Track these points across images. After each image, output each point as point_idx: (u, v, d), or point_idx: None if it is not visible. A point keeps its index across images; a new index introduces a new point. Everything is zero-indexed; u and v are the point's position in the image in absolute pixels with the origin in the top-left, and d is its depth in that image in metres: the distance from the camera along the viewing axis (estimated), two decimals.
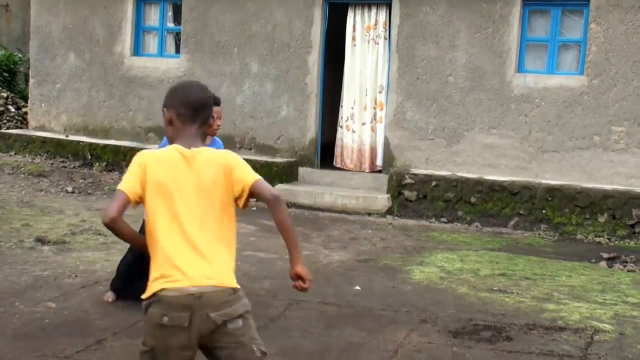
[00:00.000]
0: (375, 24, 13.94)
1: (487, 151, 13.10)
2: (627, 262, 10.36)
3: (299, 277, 4.10)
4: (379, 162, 13.95)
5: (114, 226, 3.87)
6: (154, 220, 3.91)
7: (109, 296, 7.47)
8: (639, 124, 12.24)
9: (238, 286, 3.97)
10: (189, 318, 3.79)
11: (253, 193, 3.96)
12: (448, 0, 13.24)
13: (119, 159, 15.06)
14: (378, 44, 13.96)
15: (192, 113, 4.04)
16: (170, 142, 4.06)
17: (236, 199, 4.00)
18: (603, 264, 10.29)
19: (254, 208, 13.08)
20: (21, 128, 17.50)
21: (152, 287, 3.92)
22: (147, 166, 3.93)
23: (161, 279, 3.87)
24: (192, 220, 3.90)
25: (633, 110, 12.27)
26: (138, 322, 6.73)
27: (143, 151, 4.08)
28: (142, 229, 4.42)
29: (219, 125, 7.03)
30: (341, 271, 9.20)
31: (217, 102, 6.87)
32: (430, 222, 12.72)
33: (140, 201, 3.94)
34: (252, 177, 3.96)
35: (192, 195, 3.92)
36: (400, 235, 11.64)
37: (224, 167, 3.96)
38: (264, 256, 9.68)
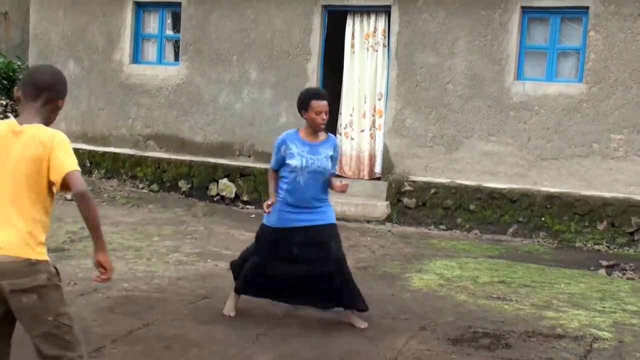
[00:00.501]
0: (375, 31, 13.96)
1: (486, 158, 13.11)
2: (626, 270, 10.36)
3: (100, 265, 4.32)
4: (378, 169, 13.95)
5: None
6: None
7: (230, 310, 7.50)
8: (638, 131, 12.24)
9: (38, 258, 4.17)
10: None
11: (65, 183, 4.13)
12: (447, 8, 13.26)
13: (118, 167, 15.07)
14: (377, 51, 13.97)
15: (34, 92, 4.31)
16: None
17: (51, 182, 4.18)
18: (602, 271, 10.29)
19: (253, 216, 13.10)
20: None
21: None
22: None
23: None
24: (3, 192, 4.14)
25: (632, 117, 12.27)
26: (137, 329, 6.73)
27: None
28: None
29: (324, 120, 7.24)
30: None
31: (322, 97, 7.27)
32: (429, 230, 12.72)
33: None
34: (71, 166, 4.13)
35: (9, 168, 4.15)
36: (399, 242, 11.64)
37: (46, 147, 4.13)
38: None
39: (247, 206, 13.80)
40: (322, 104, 7.22)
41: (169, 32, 15.88)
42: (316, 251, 7.18)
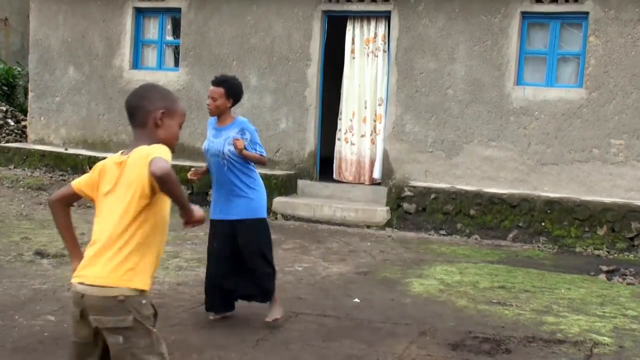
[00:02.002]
0: (375, 37, 13.97)
1: (486, 164, 13.11)
2: (626, 275, 10.36)
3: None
4: (378, 174, 13.95)
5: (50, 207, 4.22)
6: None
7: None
8: (637, 136, 12.25)
9: (128, 295, 3.81)
10: (79, 314, 3.89)
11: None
12: (447, 13, 13.28)
13: None
14: (377, 56, 13.98)
15: (129, 117, 4.14)
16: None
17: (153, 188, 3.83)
18: (602, 276, 10.28)
19: None
20: (20, 142, 17.52)
21: None
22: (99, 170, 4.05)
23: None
24: (106, 220, 3.93)
25: (632, 123, 12.28)
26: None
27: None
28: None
29: (208, 104, 7.25)
30: (340, 284, 9.19)
31: (213, 82, 7.25)
32: (429, 235, 12.72)
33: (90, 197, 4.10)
34: (157, 153, 3.79)
35: (111, 200, 3.94)
36: (399, 247, 11.64)
37: (145, 161, 3.78)
38: None
39: None
40: (210, 89, 7.25)
41: (169, 37, 15.90)
42: (230, 245, 7.25)
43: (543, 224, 12.25)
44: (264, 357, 6.47)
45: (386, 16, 13.80)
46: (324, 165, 14.59)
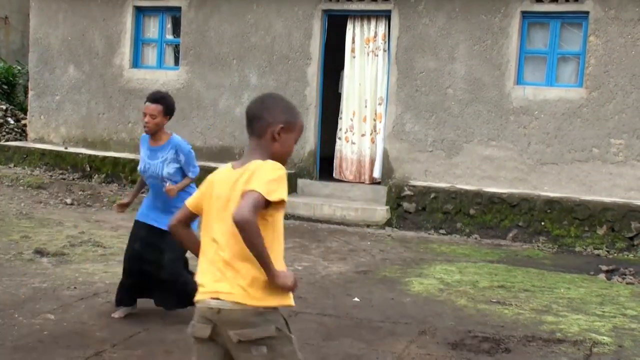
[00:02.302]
0: (375, 36, 13.97)
1: (486, 163, 13.11)
2: (625, 275, 10.36)
3: None
4: (378, 173, 13.94)
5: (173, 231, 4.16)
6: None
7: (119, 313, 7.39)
8: (637, 136, 12.25)
9: (265, 305, 3.77)
10: (210, 330, 3.78)
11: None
12: (447, 13, 13.28)
13: (118, 171, 15.07)
14: (377, 55, 13.98)
15: (246, 123, 4.02)
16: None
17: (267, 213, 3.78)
18: (602, 276, 10.29)
19: None
20: (20, 140, 17.52)
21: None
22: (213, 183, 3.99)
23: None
24: (224, 238, 3.83)
25: (632, 122, 12.28)
26: (137, 333, 6.72)
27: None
28: None
29: (146, 122, 7.06)
30: (340, 283, 9.19)
31: (149, 99, 7.07)
32: (429, 234, 12.72)
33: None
34: (256, 186, 3.69)
35: (227, 212, 3.79)
36: (399, 246, 11.64)
37: (249, 174, 3.78)
38: None
39: None
40: (147, 106, 7.06)
41: (169, 36, 15.89)
42: (152, 252, 7.07)
43: (543, 223, 12.25)
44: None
45: (386, 15, 13.80)
46: (324, 164, 14.59)
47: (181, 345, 6.54)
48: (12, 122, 18.06)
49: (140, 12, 15.94)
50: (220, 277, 3.76)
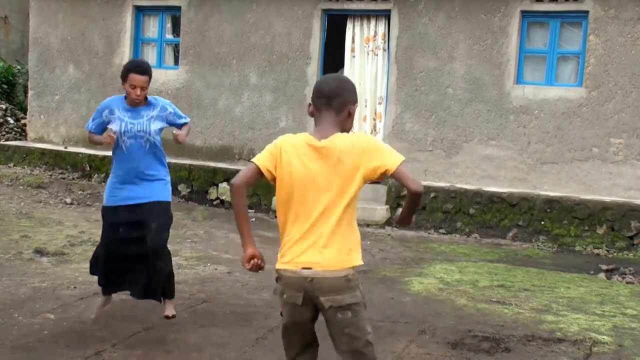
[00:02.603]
0: (375, 36, 13.97)
1: (486, 162, 13.11)
2: (625, 274, 10.36)
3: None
4: None
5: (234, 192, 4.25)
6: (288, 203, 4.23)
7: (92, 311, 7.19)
8: (637, 135, 12.26)
9: (353, 276, 4.16)
10: (302, 297, 4.15)
11: (394, 177, 4.13)
12: (447, 12, 13.28)
13: None
14: (377, 55, 13.99)
15: (323, 99, 4.29)
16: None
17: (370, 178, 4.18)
18: (602, 275, 10.29)
19: (253, 220, 13.10)
20: (20, 140, 17.52)
21: (277, 265, 4.26)
22: (286, 152, 4.23)
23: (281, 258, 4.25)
24: (317, 209, 4.14)
25: (631, 122, 12.28)
26: (137, 333, 6.72)
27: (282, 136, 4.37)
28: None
29: (137, 95, 6.80)
30: None
31: (141, 71, 6.77)
32: (429, 234, 12.72)
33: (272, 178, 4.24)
34: (397, 159, 4.12)
35: (318, 183, 4.16)
36: (399, 246, 11.64)
37: (359, 155, 4.12)
38: None
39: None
40: (139, 79, 6.74)
41: (169, 36, 15.89)
42: (138, 231, 6.83)
43: (543, 222, 12.25)
44: (263, 355, 6.46)
45: (386, 15, 13.80)
46: None
47: (181, 345, 6.55)
48: (11, 121, 18.07)
49: (140, 11, 15.94)
50: (312, 247, 4.13)
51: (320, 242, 4.11)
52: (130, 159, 6.91)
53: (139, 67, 6.81)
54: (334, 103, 4.26)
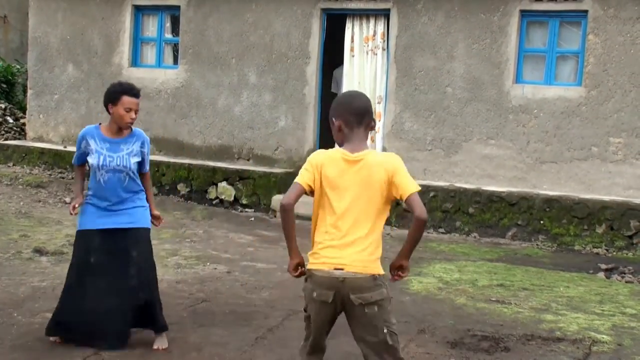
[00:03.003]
0: (374, 35, 13.97)
1: (485, 162, 13.11)
2: (625, 273, 10.36)
3: (400, 268, 4.85)
4: None
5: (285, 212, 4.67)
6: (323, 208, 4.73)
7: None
8: (637, 135, 12.26)
9: (379, 273, 4.64)
10: (333, 296, 4.59)
11: (406, 203, 4.64)
12: (446, 11, 13.27)
13: None
14: (376, 54, 13.98)
15: (357, 116, 4.70)
16: (340, 145, 4.76)
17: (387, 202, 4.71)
18: (601, 275, 10.29)
19: (252, 219, 13.10)
20: (19, 139, 17.52)
21: (309, 265, 4.73)
22: (320, 166, 4.67)
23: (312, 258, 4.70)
24: (349, 215, 4.63)
25: (631, 121, 12.29)
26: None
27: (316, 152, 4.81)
28: None
29: (133, 118, 6.48)
30: None
31: (135, 93, 6.50)
32: (428, 233, 12.71)
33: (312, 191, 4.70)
34: (412, 187, 4.63)
35: (351, 193, 4.64)
36: (398, 245, 11.52)
37: (388, 170, 4.62)
38: (262, 266, 9.67)
39: (246, 209, 13.79)
40: (133, 101, 6.44)
41: (168, 35, 15.89)
42: (115, 260, 6.41)
43: (542, 222, 12.25)
44: (263, 355, 6.46)
45: (385, 14, 13.80)
46: None
47: (180, 344, 6.54)
48: (11, 121, 18.06)
49: (139, 11, 15.94)
50: (345, 248, 4.60)
51: (353, 246, 4.60)
52: (107, 191, 6.49)
53: (133, 90, 6.50)
54: (366, 120, 4.72)
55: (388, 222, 12.83)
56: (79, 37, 16.39)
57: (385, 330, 4.62)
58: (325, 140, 14.86)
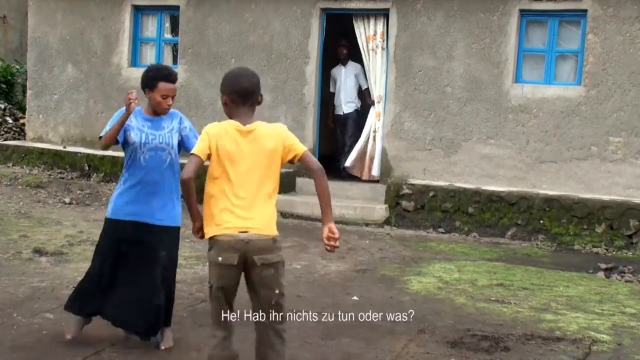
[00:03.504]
0: (374, 35, 13.96)
1: (485, 161, 13.11)
2: (624, 273, 10.36)
3: (331, 231, 4.98)
4: (377, 172, 13.95)
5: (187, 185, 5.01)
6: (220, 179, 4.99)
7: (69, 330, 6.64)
8: (636, 134, 12.26)
9: (278, 236, 4.95)
10: (237, 258, 4.84)
11: (301, 161, 5.10)
12: (445, 11, 13.27)
13: (117, 170, 15.05)
14: (376, 54, 13.97)
15: (242, 95, 5.12)
16: (229, 117, 5.09)
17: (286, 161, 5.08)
18: (601, 274, 10.29)
19: None
20: (19, 139, 17.51)
21: (210, 233, 4.96)
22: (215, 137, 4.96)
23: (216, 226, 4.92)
24: (250, 182, 4.94)
25: (630, 120, 12.28)
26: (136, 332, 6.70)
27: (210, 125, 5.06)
28: None
29: (169, 105, 6.44)
30: (339, 281, 9.19)
31: (172, 79, 6.43)
32: (427, 233, 12.72)
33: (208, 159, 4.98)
34: (302, 147, 5.10)
35: (248, 161, 4.96)
36: (398, 245, 11.64)
37: (278, 138, 5.02)
38: None
39: None
40: (170, 87, 6.40)
41: (167, 35, 15.89)
42: (143, 254, 6.39)
43: (541, 221, 12.25)
44: None
45: (385, 14, 13.79)
46: (323, 163, 14.53)
47: (180, 345, 6.55)
48: (10, 121, 18.05)
49: (139, 11, 15.94)
50: (247, 214, 4.87)
51: (254, 211, 4.91)
52: (148, 173, 6.42)
53: (170, 75, 6.43)
54: (253, 98, 5.22)
55: (387, 222, 12.94)
56: (78, 37, 16.38)
57: (277, 291, 4.96)
58: (326, 140, 14.88)
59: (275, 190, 5.06)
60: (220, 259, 4.84)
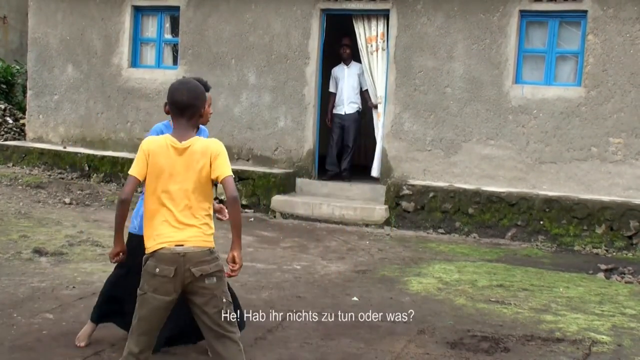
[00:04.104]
0: (374, 35, 13.96)
1: (485, 162, 13.11)
2: (624, 274, 10.36)
3: (233, 260, 5.00)
4: (377, 172, 13.95)
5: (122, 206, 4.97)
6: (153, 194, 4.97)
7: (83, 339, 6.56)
8: (636, 135, 12.25)
9: (213, 247, 4.99)
10: (174, 271, 4.84)
11: (221, 183, 4.96)
12: (445, 12, 13.27)
13: (117, 170, 15.06)
14: (376, 55, 13.97)
15: (179, 109, 5.02)
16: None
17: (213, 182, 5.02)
18: (601, 275, 10.29)
19: (252, 219, 13.10)
20: (19, 140, 17.51)
21: (149, 246, 4.93)
22: (151, 154, 4.93)
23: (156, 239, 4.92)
24: (182, 197, 4.92)
25: (630, 121, 12.28)
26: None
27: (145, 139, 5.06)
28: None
29: (210, 114, 6.26)
30: (339, 282, 9.18)
31: (209, 89, 6.04)
32: (427, 233, 12.72)
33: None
34: (227, 171, 4.94)
35: (181, 178, 4.93)
36: (397, 246, 11.64)
37: (209, 156, 4.91)
38: (261, 267, 9.67)
39: (246, 210, 13.78)
40: (209, 96, 6.03)
41: (168, 36, 15.88)
42: None
43: (542, 222, 12.25)
44: (263, 355, 6.47)
45: (385, 15, 13.79)
46: (323, 163, 14.58)
47: (181, 345, 6.54)
48: (10, 121, 18.06)
49: (139, 11, 15.93)
50: (182, 228, 4.91)
51: (190, 225, 4.93)
52: None
53: (206, 84, 6.02)
54: (188, 113, 5.02)
55: (387, 223, 12.94)
56: (78, 38, 16.38)
57: (224, 300, 4.95)
58: (326, 140, 14.88)
59: (210, 206, 5.09)
60: (157, 270, 4.85)
